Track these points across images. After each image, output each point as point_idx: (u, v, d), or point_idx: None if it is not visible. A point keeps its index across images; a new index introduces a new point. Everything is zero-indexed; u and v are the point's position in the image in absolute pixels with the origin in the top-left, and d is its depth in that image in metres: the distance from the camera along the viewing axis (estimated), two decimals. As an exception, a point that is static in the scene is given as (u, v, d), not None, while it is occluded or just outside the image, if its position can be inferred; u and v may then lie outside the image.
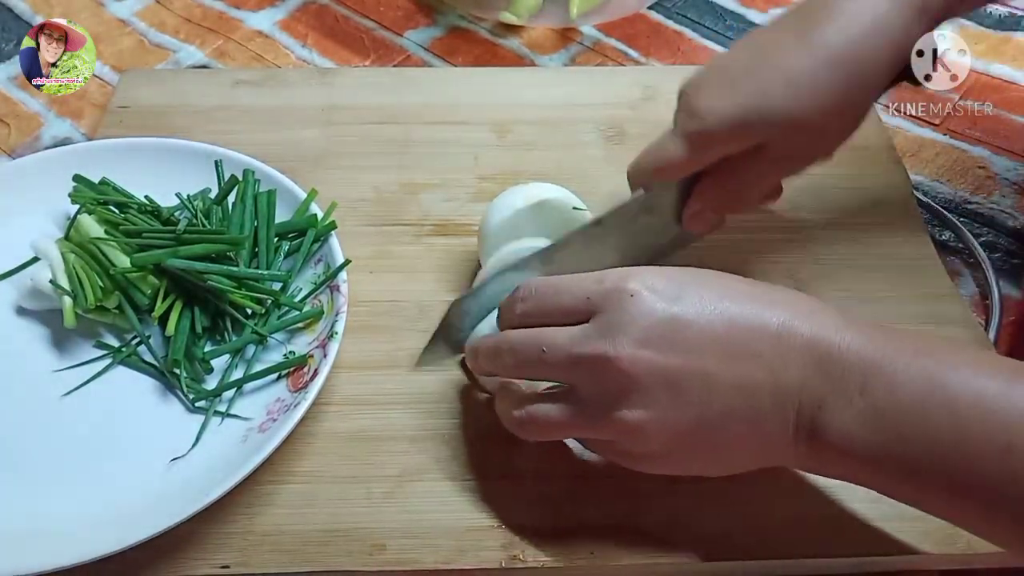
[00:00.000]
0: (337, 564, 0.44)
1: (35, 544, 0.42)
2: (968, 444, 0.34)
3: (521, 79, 0.70)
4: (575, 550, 0.44)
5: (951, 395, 0.35)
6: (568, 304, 0.41)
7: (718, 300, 0.39)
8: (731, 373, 0.38)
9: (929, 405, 0.35)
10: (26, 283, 0.52)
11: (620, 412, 0.38)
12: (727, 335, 0.38)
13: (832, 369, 0.37)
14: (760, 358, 0.37)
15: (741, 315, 0.38)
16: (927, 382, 0.35)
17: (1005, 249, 0.62)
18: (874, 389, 0.36)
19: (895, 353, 0.36)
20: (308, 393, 0.46)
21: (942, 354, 0.36)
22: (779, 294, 0.40)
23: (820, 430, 0.37)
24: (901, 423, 0.35)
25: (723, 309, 0.38)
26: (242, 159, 0.56)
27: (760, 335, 0.38)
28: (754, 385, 0.38)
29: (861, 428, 0.36)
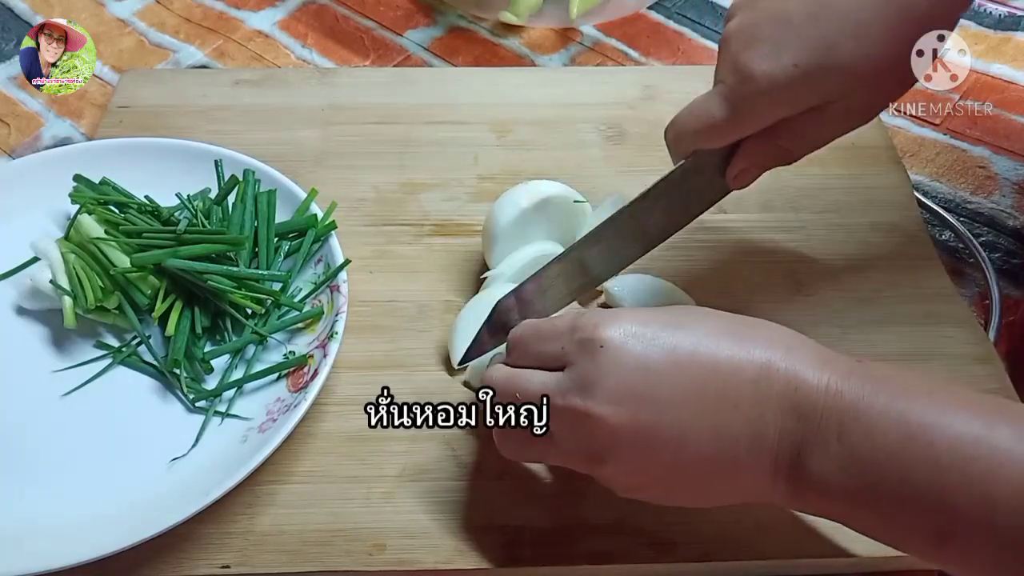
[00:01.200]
0: (337, 564, 0.44)
1: (35, 544, 0.42)
2: (947, 493, 0.33)
3: (521, 79, 0.70)
4: (575, 550, 0.44)
5: (929, 442, 0.33)
6: (549, 351, 0.40)
7: (693, 349, 0.37)
8: (706, 425, 0.36)
9: (907, 453, 0.34)
10: (26, 283, 0.52)
11: (594, 464, 0.39)
12: (702, 386, 0.37)
13: (809, 413, 0.35)
14: (736, 408, 0.36)
15: (716, 363, 0.37)
16: (905, 428, 0.34)
17: (1005, 249, 0.61)
18: (851, 434, 0.35)
19: (872, 396, 0.35)
20: (308, 393, 0.46)
21: (921, 397, 0.35)
22: (758, 333, 0.38)
23: (799, 473, 0.36)
24: (879, 470, 0.34)
25: (698, 358, 0.37)
26: (242, 159, 0.56)
27: (736, 384, 0.36)
28: (730, 436, 0.36)
29: (839, 473, 0.35)
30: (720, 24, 0.78)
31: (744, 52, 0.42)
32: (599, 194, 0.60)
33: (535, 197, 0.52)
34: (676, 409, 0.37)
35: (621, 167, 0.63)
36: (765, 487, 0.37)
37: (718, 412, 0.36)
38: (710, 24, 0.79)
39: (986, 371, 0.52)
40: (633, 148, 0.64)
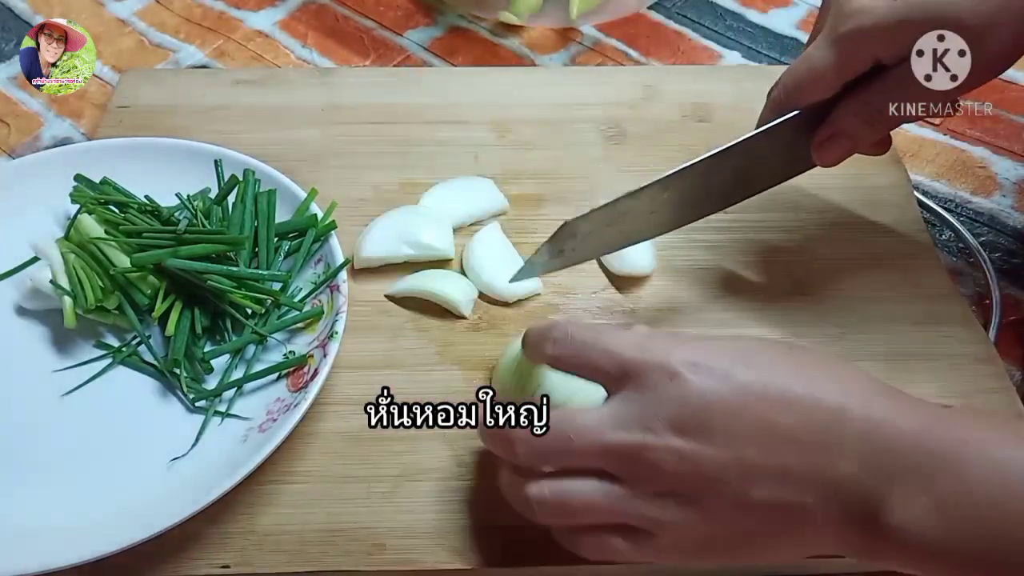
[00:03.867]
0: (337, 564, 0.44)
1: (35, 544, 0.42)
2: None
3: (521, 79, 0.70)
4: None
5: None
6: (602, 364, 0.38)
7: (763, 387, 0.36)
8: (772, 465, 0.35)
9: (1005, 501, 0.32)
10: (26, 283, 0.52)
11: (653, 501, 0.36)
12: (770, 425, 0.35)
13: (889, 462, 0.34)
14: (805, 450, 0.35)
15: (787, 403, 0.35)
16: (1004, 476, 0.32)
17: (1005, 249, 0.62)
18: (942, 485, 0.33)
19: (960, 444, 0.33)
20: (308, 393, 0.46)
21: (1011, 441, 0.33)
22: (833, 374, 0.37)
23: (876, 526, 0.34)
24: (974, 524, 0.32)
25: (768, 397, 0.35)
26: (242, 159, 0.56)
27: (806, 425, 0.35)
28: (797, 478, 0.35)
29: (927, 527, 0.33)
30: (720, 24, 0.78)
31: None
32: (599, 194, 0.60)
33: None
34: (743, 447, 0.35)
35: (621, 167, 0.63)
36: (835, 537, 0.36)
37: (785, 453, 0.35)
38: (710, 24, 0.79)
39: (986, 371, 0.52)
40: (633, 148, 0.64)
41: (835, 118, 0.47)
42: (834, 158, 0.49)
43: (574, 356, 0.39)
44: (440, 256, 0.56)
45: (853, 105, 0.46)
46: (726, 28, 0.78)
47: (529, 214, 0.60)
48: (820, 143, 0.48)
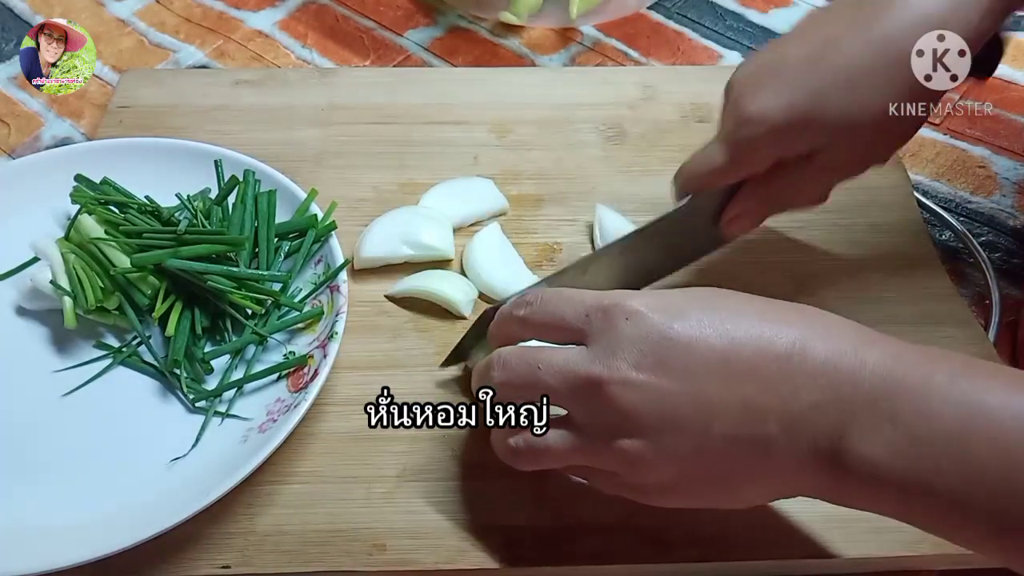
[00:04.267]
0: (337, 564, 0.44)
1: (35, 544, 0.42)
2: (1017, 476, 0.31)
3: (521, 79, 0.70)
4: (575, 550, 0.44)
5: (994, 423, 0.31)
6: (569, 317, 0.39)
7: (721, 321, 0.36)
8: (732, 397, 0.35)
9: (970, 435, 0.32)
10: (26, 283, 0.52)
11: (619, 441, 0.36)
12: (728, 356, 0.35)
13: (853, 394, 0.34)
14: (766, 381, 0.35)
15: (746, 335, 0.35)
16: (966, 408, 0.32)
17: (1005, 249, 0.62)
18: (906, 417, 0.33)
19: (927, 376, 0.33)
20: (308, 393, 0.46)
21: (979, 376, 0.33)
22: (793, 313, 0.37)
23: (843, 460, 0.34)
24: (939, 455, 0.32)
25: (726, 330, 0.36)
26: (242, 159, 0.56)
27: (766, 356, 0.35)
28: (759, 410, 0.35)
29: (892, 459, 0.33)
30: (720, 24, 0.78)
31: (742, 98, 0.45)
32: (599, 194, 0.60)
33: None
34: (699, 379, 0.35)
35: (621, 167, 0.63)
36: (801, 475, 0.35)
37: (744, 383, 0.35)
38: (710, 24, 0.79)
39: (986, 371, 0.52)
40: (633, 148, 0.64)
41: (739, 199, 0.49)
42: (741, 232, 0.51)
43: (543, 313, 0.40)
44: (440, 256, 0.56)
45: (754, 193, 0.48)
46: (726, 28, 0.78)
47: (529, 214, 0.60)
48: (728, 221, 0.50)
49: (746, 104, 0.44)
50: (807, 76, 0.43)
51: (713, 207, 0.50)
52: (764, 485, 0.37)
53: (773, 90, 0.44)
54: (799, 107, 0.43)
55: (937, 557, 0.44)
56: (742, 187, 0.48)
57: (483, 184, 0.60)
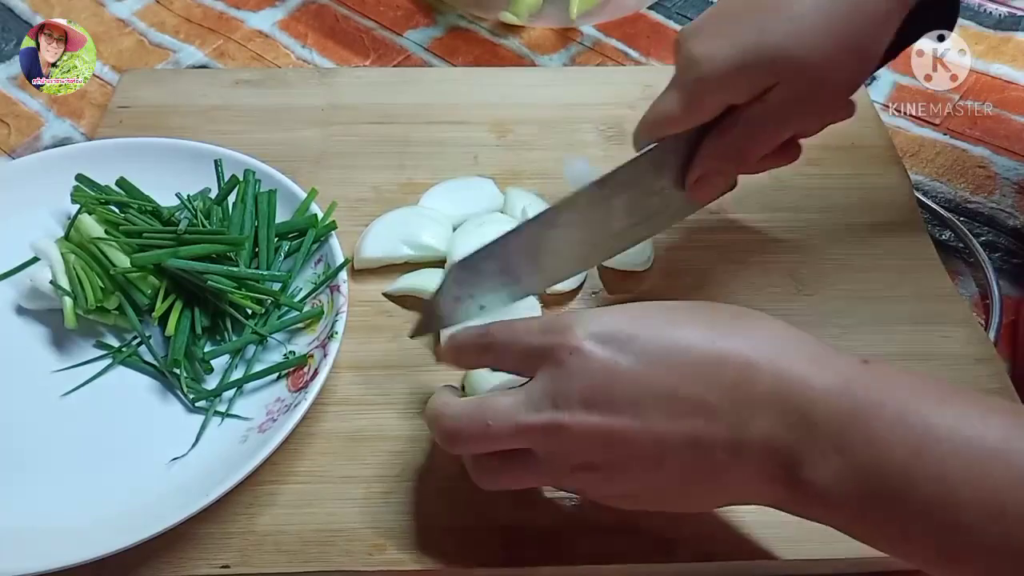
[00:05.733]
0: (337, 564, 0.44)
1: (35, 544, 0.42)
2: (959, 511, 0.31)
3: (521, 79, 0.70)
4: (575, 550, 0.44)
5: (939, 458, 0.31)
6: (516, 358, 0.39)
7: (667, 351, 0.36)
8: (681, 431, 0.35)
9: (914, 468, 0.32)
10: (26, 283, 0.52)
11: (576, 474, 0.38)
12: (676, 389, 0.35)
13: (801, 422, 0.34)
14: (714, 414, 0.35)
15: (693, 367, 0.35)
16: (913, 440, 0.32)
17: (1005, 249, 0.62)
18: (852, 447, 0.33)
19: (877, 404, 0.33)
20: (308, 393, 0.46)
21: (931, 406, 0.33)
22: (739, 330, 0.36)
23: (797, 482, 0.34)
24: (883, 485, 0.32)
25: (673, 361, 0.36)
26: (242, 159, 0.56)
27: (713, 387, 0.35)
28: (709, 442, 0.35)
29: (840, 486, 0.33)
30: (720, 24, 0.78)
31: (688, 42, 0.45)
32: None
33: None
34: (651, 416, 0.35)
35: (621, 167, 0.63)
36: (759, 491, 0.36)
37: (693, 417, 0.35)
38: (710, 24, 0.78)
39: (986, 371, 0.52)
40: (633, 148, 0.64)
41: (699, 161, 0.47)
42: (708, 196, 0.49)
43: (495, 358, 0.40)
44: (440, 256, 0.56)
45: (712, 147, 0.47)
46: (726, 28, 0.78)
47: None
48: (692, 185, 0.48)
49: (691, 48, 0.44)
50: (750, 17, 0.43)
51: (676, 162, 0.48)
52: (720, 500, 0.39)
53: (717, 33, 0.44)
54: (743, 46, 0.43)
55: (937, 557, 0.44)
56: (702, 144, 0.47)
57: (483, 184, 0.60)
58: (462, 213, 0.58)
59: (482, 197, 0.59)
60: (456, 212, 0.58)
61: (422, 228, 0.56)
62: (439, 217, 0.57)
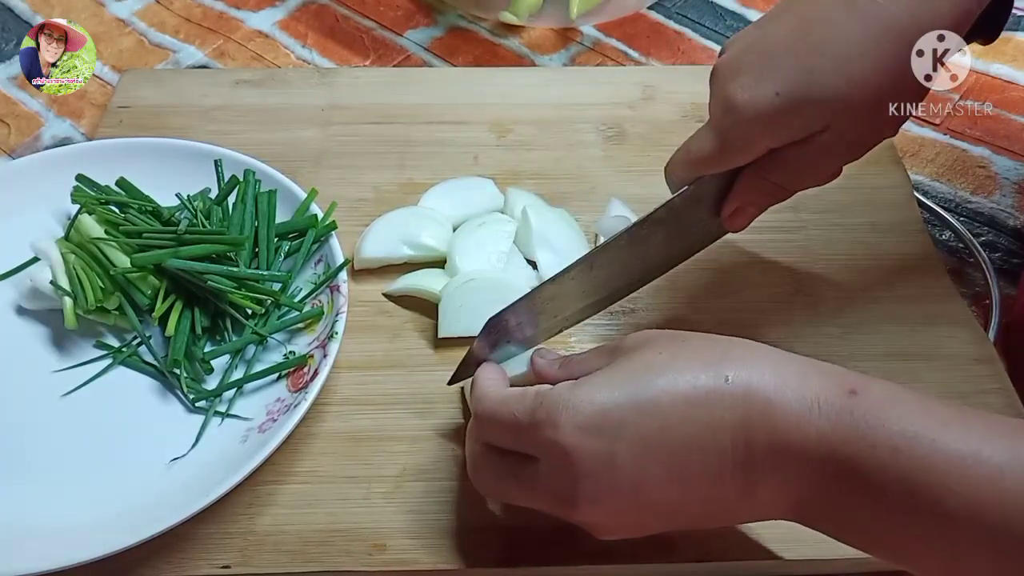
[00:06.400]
0: (337, 564, 0.44)
1: (35, 544, 0.42)
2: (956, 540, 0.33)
3: (521, 79, 0.70)
4: (575, 550, 0.44)
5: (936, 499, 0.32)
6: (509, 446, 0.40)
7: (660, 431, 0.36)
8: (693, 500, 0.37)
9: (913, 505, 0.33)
10: (26, 283, 0.52)
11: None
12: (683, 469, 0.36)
13: (798, 473, 0.35)
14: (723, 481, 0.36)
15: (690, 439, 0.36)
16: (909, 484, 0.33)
17: (1005, 249, 0.62)
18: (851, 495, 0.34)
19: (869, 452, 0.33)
20: (308, 393, 0.46)
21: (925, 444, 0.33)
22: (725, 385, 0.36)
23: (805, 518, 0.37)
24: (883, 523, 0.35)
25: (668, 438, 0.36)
26: (242, 159, 0.56)
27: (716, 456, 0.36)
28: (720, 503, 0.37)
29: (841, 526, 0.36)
30: (720, 24, 0.78)
31: (728, 84, 0.42)
32: (599, 194, 0.60)
33: None
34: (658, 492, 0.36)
35: (621, 167, 0.63)
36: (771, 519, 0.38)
37: (700, 486, 0.36)
38: (710, 24, 0.79)
39: (986, 371, 0.52)
40: (633, 148, 0.64)
41: (737, 192, 0.47)
42: (742, 225, 0.49)
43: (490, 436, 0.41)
44: (440, 257, 0.56)
45: (753, 182, 0.46)
46: (726, 28, 0.78)
47: (529, 214, 0.60)
48: (728, 216, 0.48)
49: (732, 92, 0.42)
50: (795, 57, 0.41)
51: (712, 194, 0.48)
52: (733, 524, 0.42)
53: (759, 75, 0.41)
54: (789, 92, 0.41)
55: (937, 557, 0.44)
56: (739, 178, 0.46)
57: (483, 184, 0.60)
58: (462, 213, 0.58)
59: (482, 197, 0.59)
60: (456, 212, 0.58)
61: (422, 228, 0.56)
62: (439, 217, 0.57)
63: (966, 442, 0.33)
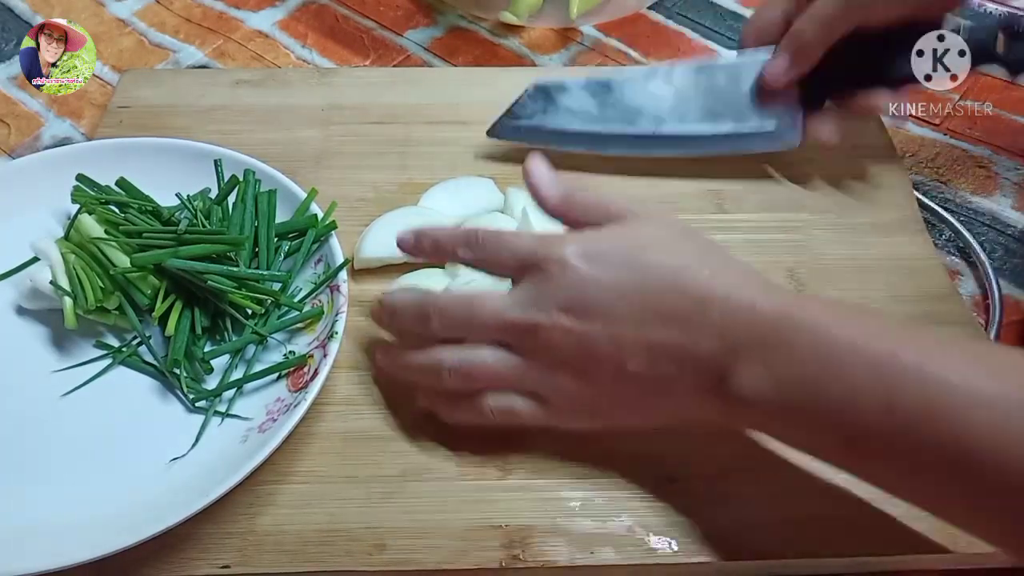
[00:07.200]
0: (337, 564, 0.44)
1: (35, 544, 0.42)
2: (860, 413, 0.36)
3: (521, 79, 0.69)
4: (575, 550, 0.44)
5: (846, 369, 0.36)
6: (506, 261, 0.44)
7: (643, 273, 0.41)
8: (644, 341, 0.41)
9: (823, 378, 0.37)
10: (26, 283, 0.51)
11: (546, 374, 0.43)
12: (644, 305, 0.41)
13: (739, 338, 0.39)
14: (673, 329, 0.40)
15: (662, 287, 0.41)
16: (825, 354, 0.37)
17: (1005, 249, 0.62)
18: (776, 358, 0.38)
19: (799, 326, 0.38)
20: (308, 393, 0.46)
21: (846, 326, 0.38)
22: (710, 260, 0.42)
23: (726, 392, 0.39)
24: (801, 392, 0.38)
25: (646, 283, 0.41)
26: (242, 159, 0.56)
27: (676, 307, 0.40)
28: (665, 352, 0.40)
29: (762, 393, 0.39)
30: (720, 24, 0.78)
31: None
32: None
33: None
34: (620, 325, 0.41)
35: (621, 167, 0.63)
36: (700, 404, 0.41)
37: (655, 332, 0.40)
38: (710, 24, 0.79)
39: (986, 371, 0.52)
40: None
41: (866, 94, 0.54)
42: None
43: (484, 256, 0.45)
44: None
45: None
46: (726, 28, 0.78)
47: (529, 214, 0.60)
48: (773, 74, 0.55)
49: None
50: None
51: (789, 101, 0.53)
52: (669, 410, 0.43)
53: None
54: None
55: (937, 557, 0.44)
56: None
57: (483, 184, 0.60)
58: (462, 213, 0.58)
59: (482, 197, 0.59)
60: (456, 212, 0.58)
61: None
62: (439, 217, 0.57)
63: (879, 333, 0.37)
